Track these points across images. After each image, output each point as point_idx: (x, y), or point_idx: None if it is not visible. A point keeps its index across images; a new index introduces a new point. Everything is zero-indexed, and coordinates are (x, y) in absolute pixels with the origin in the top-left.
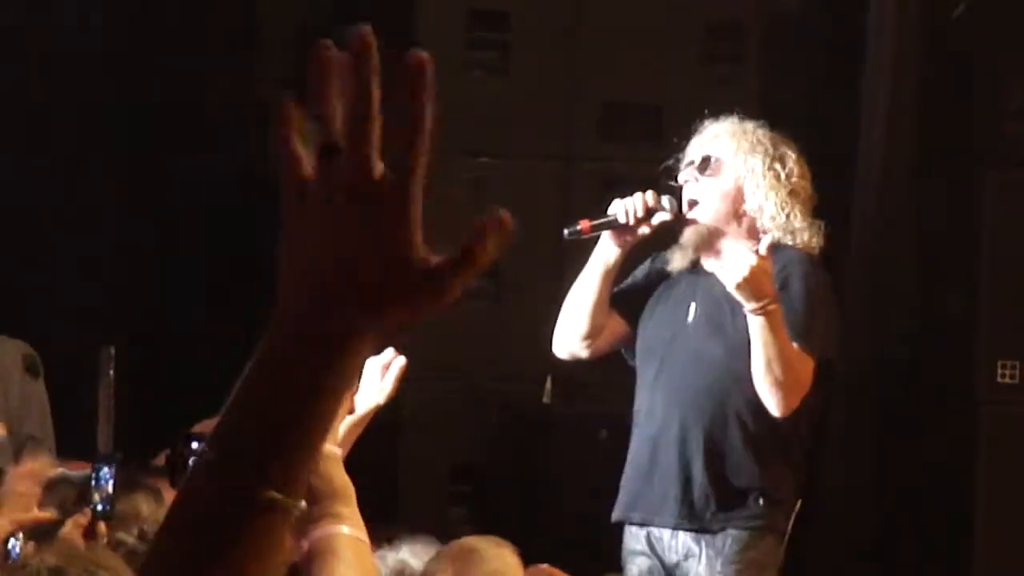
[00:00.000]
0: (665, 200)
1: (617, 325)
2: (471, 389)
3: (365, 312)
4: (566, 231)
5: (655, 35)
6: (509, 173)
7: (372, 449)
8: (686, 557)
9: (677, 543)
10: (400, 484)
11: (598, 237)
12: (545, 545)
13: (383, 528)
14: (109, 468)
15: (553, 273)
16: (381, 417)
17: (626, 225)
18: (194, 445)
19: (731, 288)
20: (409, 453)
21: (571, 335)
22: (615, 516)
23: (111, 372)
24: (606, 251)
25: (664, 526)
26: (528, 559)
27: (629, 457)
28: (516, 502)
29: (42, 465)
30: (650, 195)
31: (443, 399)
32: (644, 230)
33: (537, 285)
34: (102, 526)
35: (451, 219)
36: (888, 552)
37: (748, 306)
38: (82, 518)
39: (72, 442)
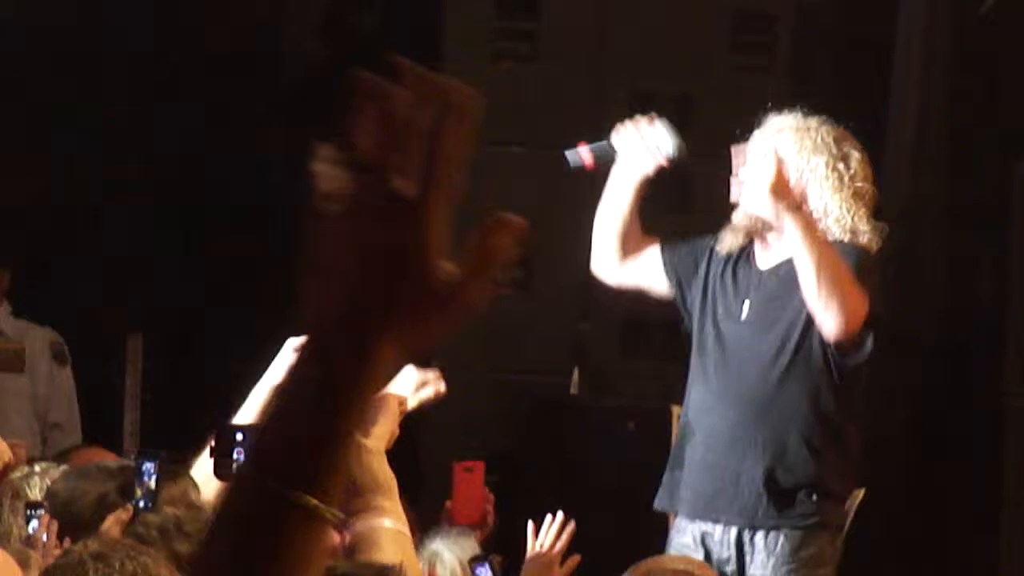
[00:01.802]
0: (660, 130)
1: (654, 265)
2: (498, 380)
3: (390, 329)
4: (568, 157)
5: (685, 24)
6: (537, 162)
7: (397, 439)
8: (739, 554)
9: (729, 538)
10: (425, 474)
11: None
12: (574, 536)
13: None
14: (152, 463)
15: (581, 262)
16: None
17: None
18: (238, 437)
19: (764, 199)
20: (435, 444)
21: (600, 251)
22: (658, 504)
23: (140, 361)
24: (624, 168)
25: (715, 521)
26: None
27: (677, 449)
28: (543, 493)
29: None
30: (644, 126)
31: (470, 390)
32: (651, 165)
33: (565, 275)
34: None
35: (480, 210)
36: (915, 540)
37: (782, 211)
38: (124, 514)
39: (98, 430)
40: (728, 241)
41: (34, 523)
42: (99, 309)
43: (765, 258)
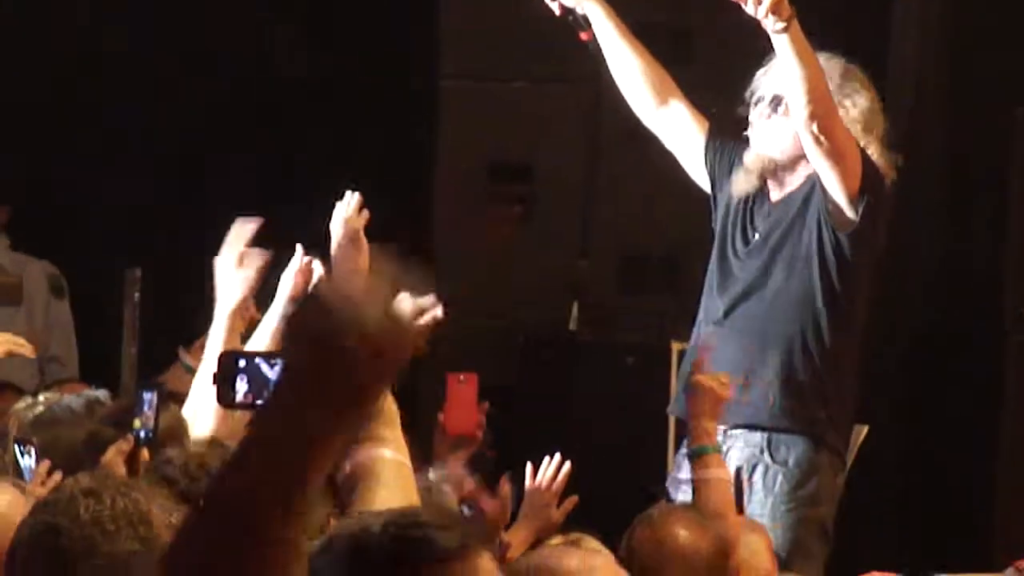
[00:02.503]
0: None
1: (694, 148)
2: (497, 315)
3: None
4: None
5: None
6: (540, 95)
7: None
8: (750, 466)
9: (736, 443)
10: (423, 411)
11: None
12: (572, 472)
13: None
14: (151, 394)
15: (583, 198)
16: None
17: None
18: (240, 363)
19: (760, 15)
20: (432, 380)
21: (629, 97)
22: (670, 410)
23: (137, 294)
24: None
25: (723, 425)
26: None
27: (688, 359)
28: (541, 428)
29: None
30: None
31: (469, 325)
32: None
33: (565, 211)
34: (144, 453)
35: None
36: (915, 479)
37: (773, 25)
38: (124, 444)
39: (96, 363)
40: (742, 183)
41: (27, 459)
42: (97, 242)
43: (776, 193)
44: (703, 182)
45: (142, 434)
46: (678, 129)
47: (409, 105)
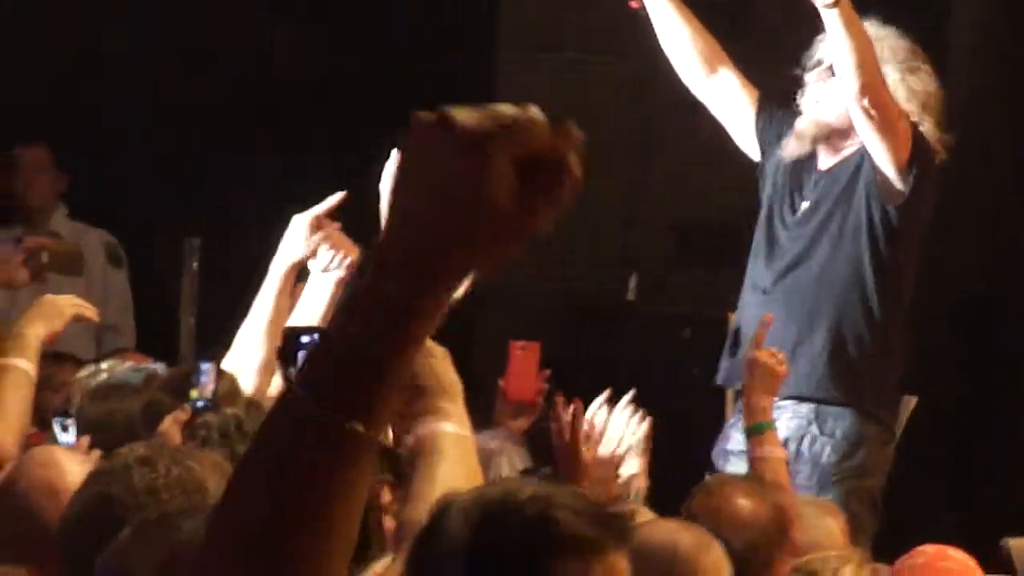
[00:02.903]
0: None
1: (745, 120)
2: (553, 286)
3: (454, 259)
4: None
5: None
6: (590, 69)
7: (453, 348)
8: (797, 437)
9: (784, 414)
10: (480, 384)
11: None
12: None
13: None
14: (209, 364)
15: (640, 168)
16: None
17: None
18: (303, 339)
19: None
20: (489, 351)
21: (678, 66)
22: (718, 379)
23: (196, 264)
24: None
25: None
26: None
27: (735, 329)
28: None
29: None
30: None
31: (526, 296)
32: None
33: (623, 180)
34: None
35: None
36: (967, 450)
37: (826, 2)
38: (182, 414)
39: (154, 333)
40: (793, 146)
41: (66, 436)
42: (156, 211)
43: (826, 160)
44: (752, 151)
45: (199, 404)
46: (727, 98)
47: (464, 77)
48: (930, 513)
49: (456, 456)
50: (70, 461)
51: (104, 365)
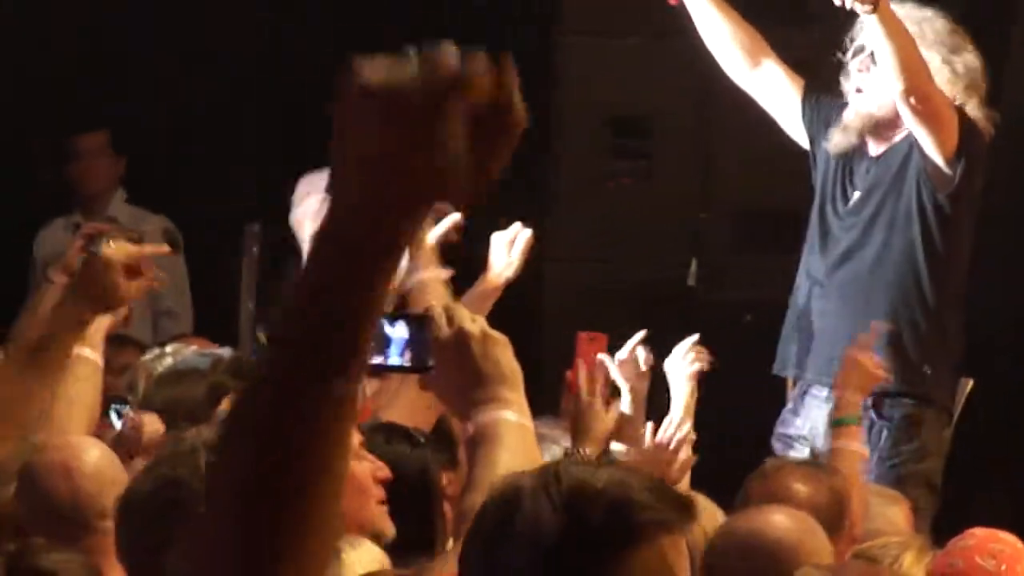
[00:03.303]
0: None
1: (791, 108)
2: (615, 272)
3: (404, 206)
4: None
5: None
6: (655, 53)
7: (514, 335)
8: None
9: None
10: (544, 368)
11: None
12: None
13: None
14: None
15: (702, 155)
16: (524, 301)
17: None
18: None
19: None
20: (551, 336)
21: (721, 59)
22: (776, 369)
23: (255, 249)
24: None
25: (827, 383)
26: None
27: (791, 316)
28: (660, 383)
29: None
30: None
31: (587, 282)
32: None
33: (684, 166)
34: None
35: None
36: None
37: (861, 8)
38: None
39: (212, 318)
40: (839, 140)
41: (120, 422)
42: (216, 197)
43: (876, 148)
44: (801, 139)
45: None
46: (773, 89)
47: (527, 62)
48: (984, 496)
49: (516, 444)
50: (86, 445)
51: (168, 349)
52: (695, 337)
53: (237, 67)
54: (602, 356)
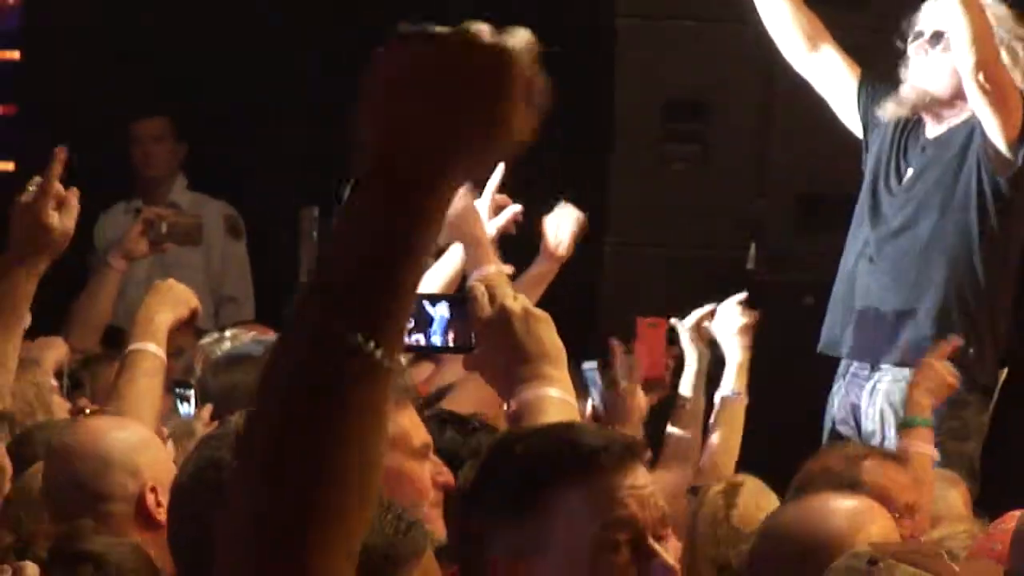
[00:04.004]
0: None
1: (847, 94)
2: (674, 256)
3: (450, 159)
4: None
5: None
6: (713, 37)
7: (573, 320)
8: (899, 400)
9: (885, 377)
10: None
11: None
12: (751, 408)
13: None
14: None
15: (759, 138)
16: (582, 285)
17: None
18: (426, 305)
19: None
20: (608, 321)
21: (780, 41)
22: (821, 347)
23: (315, 233)
24: None
25: (873, 366)
26: None
27: (838, 292)
28: (719, 367)
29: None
30: None
31: (646, 266)
32: None
33: (742, 149)
34: None
35: None
36: None
37: None
38: None
39: (275, 303)
40: (891, 110)
41: (186, 407)
42: (275, 182)
43: (933, 129)
44: (855, 127)
45: None
46: (830, 74)
47: (584, 44)
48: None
49: (559, 421)
50: (113, 426)
51: (227, 334)
52: (741, 295)
53: (295, 53)
54: (675, 321)
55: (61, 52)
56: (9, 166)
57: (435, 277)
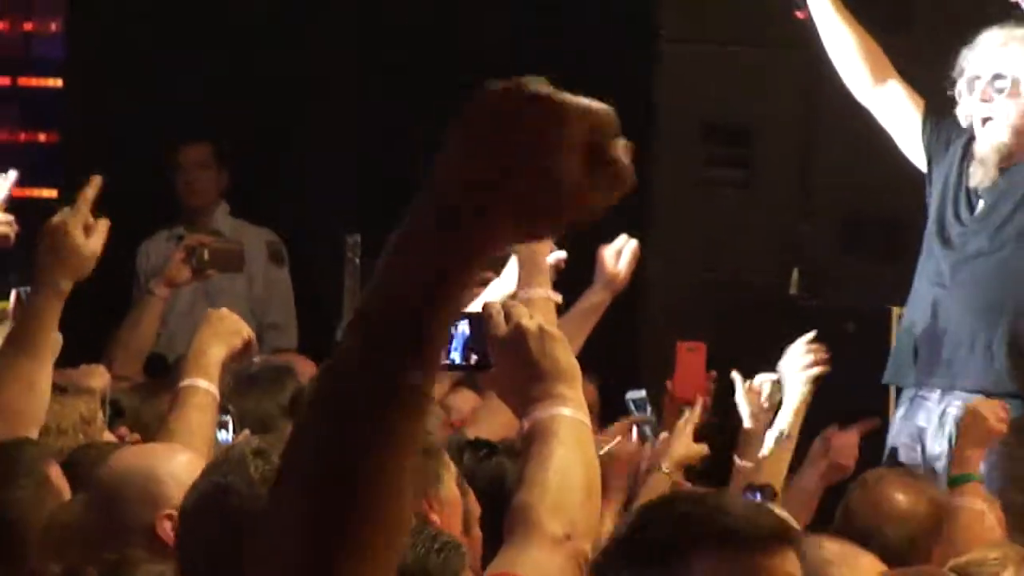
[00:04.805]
0: None
1: (911, 128)
2: (716, 280)
3: (511, 209)
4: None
5: None
6: (757, 61)
7: (615, 343)
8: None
9: (954, 401)
10: (643, 375)
11: None
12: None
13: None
14: None
15: (802, 162)
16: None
17: None
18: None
19: None
20: (650, 344)
21: (844, 73)
22: (885, 378)
23: (357, 260)
24: None
25: (944, 389)
26: None
27: (907, 321)
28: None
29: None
30: None
31: (688, 290)
32: None
33: (785, 174)
34: None
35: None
36: None
37: None
38: None
39: (318, 331)
40: (979, 176)
41: (224, 433)
42: (317, 209)
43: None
44: (918, 160)
45: None
46: (894, 108)
47: (628, 69)
48: None
49: (573, 442)
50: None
51: (256, 359)
52: (810, 335)
53: (337, 81)
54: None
55: (103, 80)
56: (52, 193)
57: (490, 294)
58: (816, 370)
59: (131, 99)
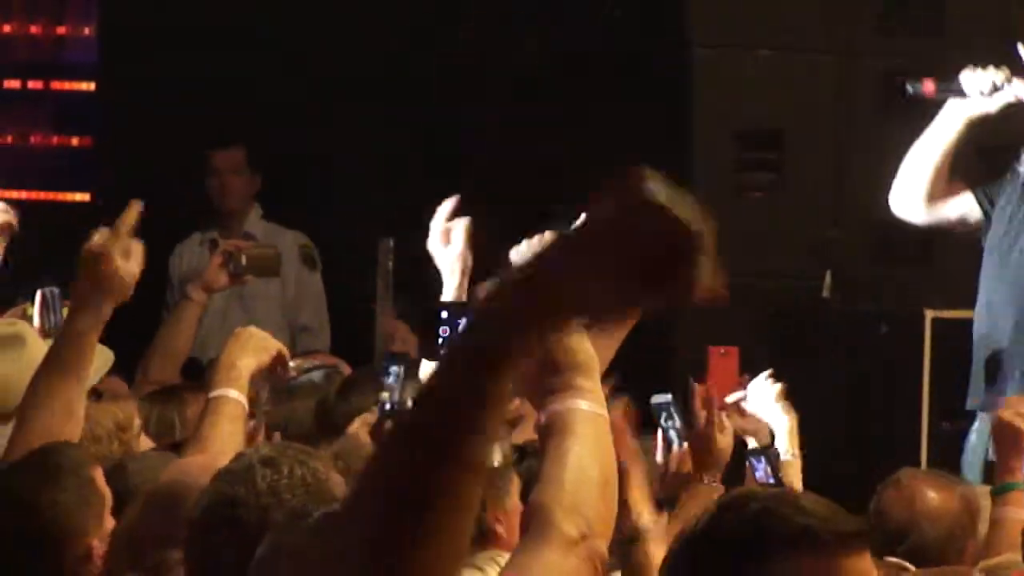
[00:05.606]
0: (1018, 84)
1: (966, 205)
2: (749, 285)
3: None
4: (908, 87)
5: None
6: (789, 66)
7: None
8: None
9: None
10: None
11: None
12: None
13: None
14: (400, 367)
15: (832, 169)
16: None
17: (969, 96)
18: (443, 315)
19: None
20: (683, 349)
21: (907, 191)
22: (968, 404)
23: (390, 264)
24: (956, 113)
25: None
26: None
27: (977, 352)
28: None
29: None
30: (1000, 74)
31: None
32: (988, 108)
33: (818, 178)
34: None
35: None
36: None
37: None
38: (370, 416)
39: (351, 334)
40: None
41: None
42: (350, 213)
43: None
44: (982, 221)
45: (387, 406)
46: (947, 216)
47: (662, 74)
48: None
49: (590, 435)
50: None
51: (292, 363)
52: (766, 372)
53: (369, 87)
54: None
55: (135, 84)
56: (85, 197)
57: None
58: (780, 387)
59: (163, 103)
